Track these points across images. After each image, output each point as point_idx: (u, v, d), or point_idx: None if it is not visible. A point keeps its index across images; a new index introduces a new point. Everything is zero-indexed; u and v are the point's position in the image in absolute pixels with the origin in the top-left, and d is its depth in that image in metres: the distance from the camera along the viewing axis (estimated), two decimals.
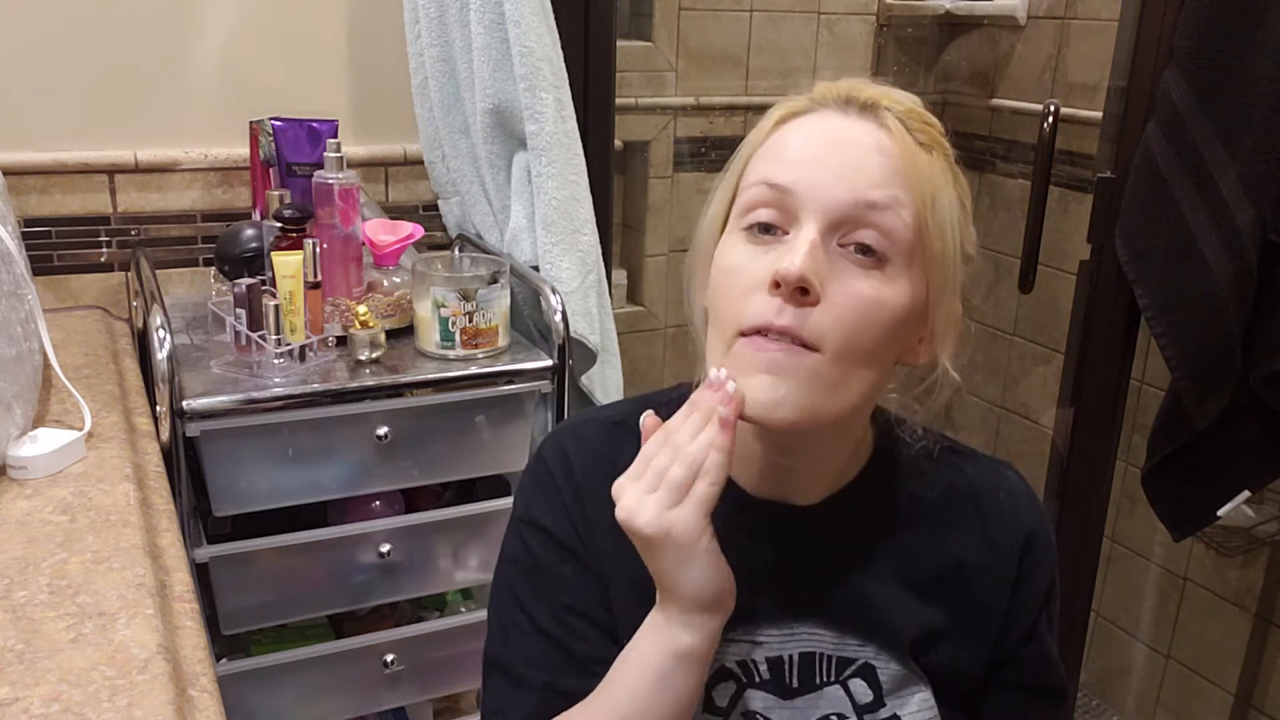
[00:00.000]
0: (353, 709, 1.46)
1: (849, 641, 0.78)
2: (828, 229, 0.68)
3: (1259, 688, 1.91)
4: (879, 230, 0.68)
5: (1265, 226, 1.26)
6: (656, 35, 2.17)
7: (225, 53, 1.64)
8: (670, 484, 0.65)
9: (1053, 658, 0.84)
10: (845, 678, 0.78)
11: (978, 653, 0.81)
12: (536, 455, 0.84)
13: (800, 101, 0.74)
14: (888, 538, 0.79)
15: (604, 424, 0.84)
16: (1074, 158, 2.04)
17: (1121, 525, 2.08)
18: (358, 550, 1.39)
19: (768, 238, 0.70)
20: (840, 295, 0.67)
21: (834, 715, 0.78)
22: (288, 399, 1.28)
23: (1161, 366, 1.36)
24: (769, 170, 0.70)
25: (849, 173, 0.68)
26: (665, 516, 0.65)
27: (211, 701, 0.79)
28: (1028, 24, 2.18)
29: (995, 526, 0.81)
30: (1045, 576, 0.82)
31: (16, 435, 1.07)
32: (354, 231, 1.43)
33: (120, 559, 0.93)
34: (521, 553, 0.81)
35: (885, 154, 0.69)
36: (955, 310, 0.74)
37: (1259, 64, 1.22)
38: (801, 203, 0.68)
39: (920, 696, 0.78)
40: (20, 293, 1.14)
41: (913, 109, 0.72)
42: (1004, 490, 0.83)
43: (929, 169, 0.70)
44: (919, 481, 0.81)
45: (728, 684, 0.78)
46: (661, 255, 2.30)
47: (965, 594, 0.80)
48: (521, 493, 0.83)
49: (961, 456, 0.84)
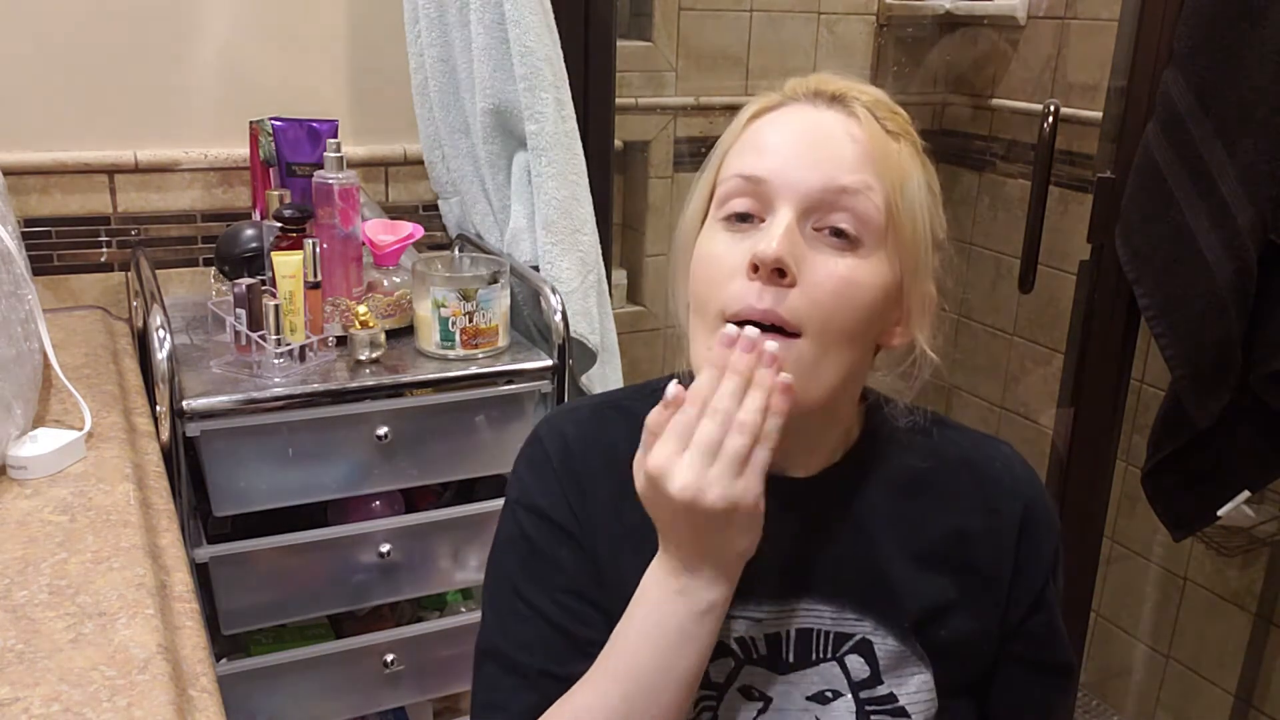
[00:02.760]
0: (353, 709, 1.46)
1: (847, 616, 0.78)
2: (802, 214, 0.70)
3: (1259, 688, 1.90)
4: (852, 214, 0.70)
5: (1265, 226, 1.26)
6: (656, 35, 2.17)
7: (225, 53, 1.64)
8: (731, 455, 0.64)
9: (1060, 632, 0.84)
10: (842, 653, 0.78)
11: (986, 624, 0.80)
12: (532, 439, 0.84)
13: (772, 97, 0.76)
14: (885, 510, 0.80)
15: (597, 407, 0.84)
16: (1074, 158, 2.04)
17: (1121, 525, 2.08)
18: (358, 550, 1.39)
19: (745, 226, 0.72)
20: (817, 276, 0.69)
21: (829, 691, 0.78)
22: (288, 399, 1.28)
23: (1161, 366, 1.36)
24: (744, 163, 0.73)
25: (821, 159, 0.71)
26: (732, 489, 0.64)
27: (211, 701, 0.79)
28: (1028, 24, 2.18)
29: (993, 494, 0.81)
30: (1049, 546, 0.82)
31: (16, 435, 1.07)
32: (354, 231, 1.43)
33: (120, 559, 0.93)
34: (517, 536, 0.80)
35: (855, 141, 0.71)
36: (930, 293, 0.76)
37: (1259, 64, 1.23)
38: (776, 190, 0.71)
39: (920, 679, 0.78)
40: (20, 293, 1.14)
41: (880, 99, 0.75)
42: (999, 460, 0.84)
43: (897, 156, 0.72)
44: (913, 454, 0.81)
45: (725, 660, 0.78)
46: (661, 255, 2.30)
47: (968, 562, 0.80)
48: (516, 477, 0.83)
49: (954, 430, 0.85)
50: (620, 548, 0.76)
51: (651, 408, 0.68)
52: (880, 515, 0.79)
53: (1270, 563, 1.86)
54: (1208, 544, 1.92)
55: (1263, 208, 1.25)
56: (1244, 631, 1.91)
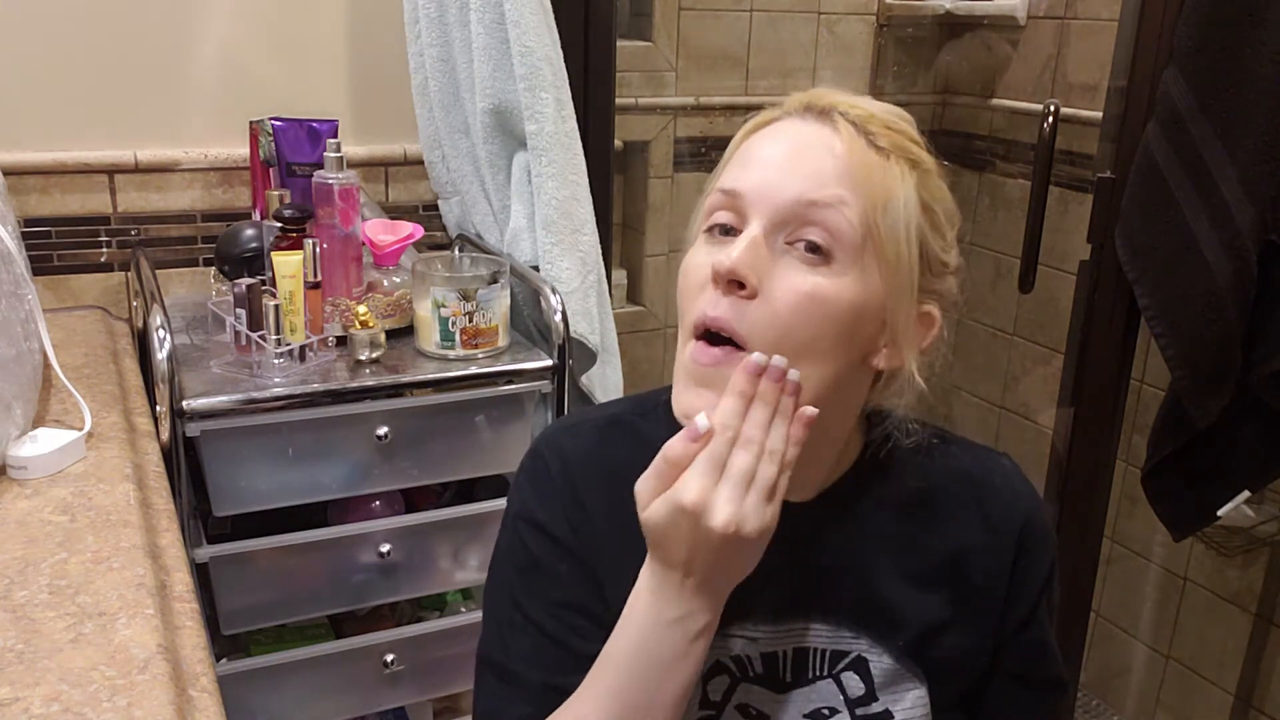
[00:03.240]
0: (353, 709, 1.46)
1: (843, 635, 0.78)
2: (773, 227, 0.70)
3: (1259, 688, 1.91)
4: (823, 228, 0.69)
5: (1265, 226, 1.26)
6: (656, 35, 2.17)
7: (225, 53, 1.64)
8: (764, 485, 0.65)
9: (1052, 648, 0.84)
10: (838, 671, 0.78)
11: (981, 640, 0.81)
12: (533, 452, 0.84)
13: (770, 112, 0.76)
14: (884, 531, 0.80)
15: (598, 423, 0.84)
16: (1074, 158, 2.04)
17: (1121, 525, 2.08)
18: (358, 550, 1.39)
19: (725, 238, 0.72)
20: (778, 290, 0.69)
21: (825, 709, 0.78)
22: (288, 399, 1.28)
23: (1161, 366, 1.36)
24: (727, 178, 0.74)
25: (793, 172, 0.70)
26: (764, 518, 0.65)
27: (211, 701, 0.79)
28: (1028, 24, 2.18)
29: (993, 511, 0.82)
30: (1044, 564, 0.82)
31: (16, 435, 1.07)
32: (354, 231, 1.43)
33: (120, 559, 0.93)
34: (518, 549, 0.81)
35: (833, 155, 0.71)
36: (928, 315, 0.75)
37: (1259, 64, 1.22)
38: (750, 204, 0.71)
39: (915, 694, 0.79)
40: (20, 293, 1.14)
41: (876, 115, 0.73)
42: (1000, 475, 0.84)
43: (881, 173, 0.71)
44: (913, 473, 0.81)
45: (722, 678, 0.78)
46: (661, 255, 2.30)
47: (965, 579, 0.80)
48: (517, 490, 0.83)
49: (955, 445, 0.85)
50: (624, 564, 0.76)
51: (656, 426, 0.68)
52: (878, 536, 0.80)
53: (1270, 563, 1.86)
54: (1208, 544, 1.92)
55: (1263, 208, 1.25)
56: (1244, 631, 1.91)
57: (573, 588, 0.78)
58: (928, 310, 0.75)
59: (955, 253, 0.77)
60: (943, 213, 0.75)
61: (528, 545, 0.80)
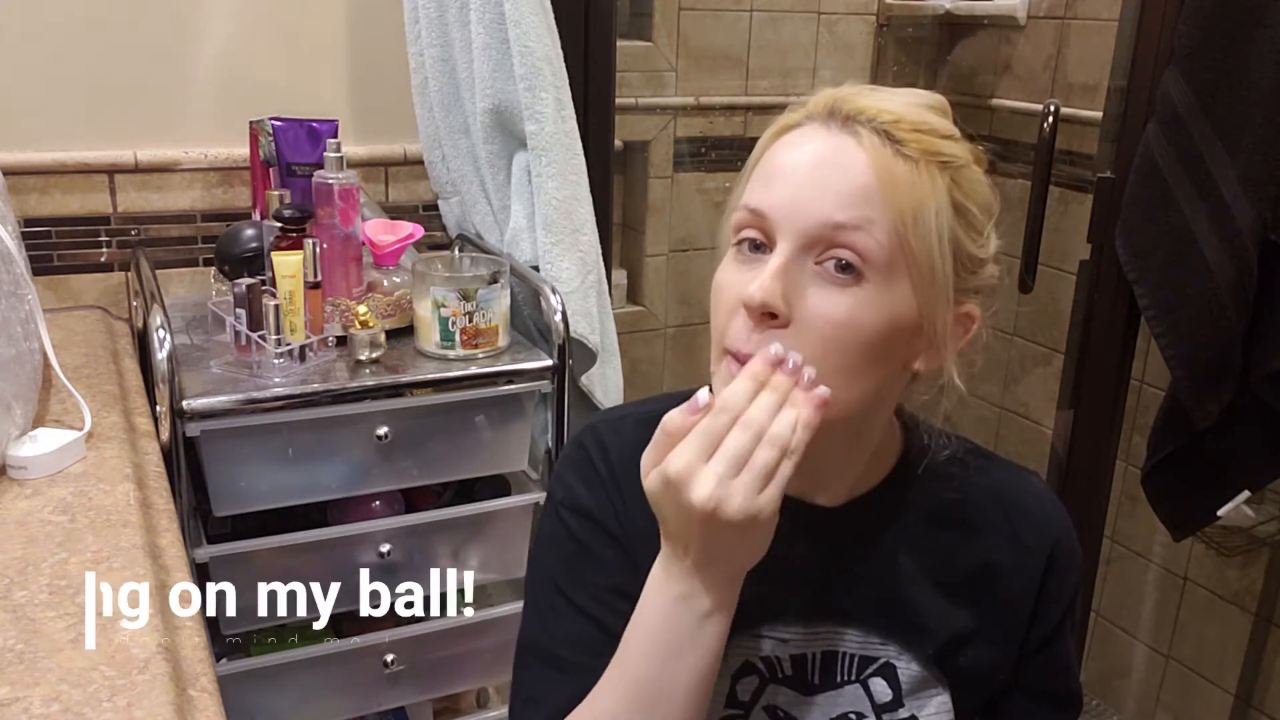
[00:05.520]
0: (353, 709, 1.46)
1: (872, 640, 0.79)
2: (798, 250, 0.69)
3: (1259, 688, 1.90)
4: (851, 249, 0.68)
5: (1265, 226, 1.26)
6: (656, 35, 2.17)
7: (225, 53, 1.64)
8: (759, 468, 0.63)
9: (1071, 665, 0.85)
10: (866, 676, 0.79)
11: (1005, 654, 0.82)
12: (575, 443, 0.84)
13: (795, 114, 0.74)
14: (915, 539, 0.80)
15: (641, 419, 0.83)
16: (1074, 158, 2.04)
17: (1121, 525, 2.08)
18: (358, 550, 1.39)
19: (755, 255, 0.71)
20: (811, 316, 0.68)
21: (853, 713, 0.79)
22: (288, 399, 1.28)
23: (1161, 366, 1.36)
24: (752, 194, 0.72)
25: (818, 194, 0.68)
26: (754, 503, 0.63)
27: (211, 701, 0.79)
28: (1028, 24, 2.18)
29: (1024, 529, 0.82)
30: (1070, 584, 0.83)
31: (16, 435, 1.07)
32: (354, 231, 1.43)
33: (120, 559, 0.93)
34: (563, 536, 0.81)
35: (859, 173, 0.68)
36: (967, 314, 0.75)
37: (1259, 64, 1.22)
38: (776, 225, 0.69)
39: (939, 700, 0.79)
40: (20, 293, 1.14)
41: (903, 117, 0.70)
42: (1031, 495, 0.84)
43: (909, 182, 0.69)
44: (946, 485, 0.81)
45: (751, 678, 0.78)
46: (661, 255, 2.30)
47: (993, 594, 0.81)
48: (560, 479, 0.84)
49: (987, 460, 0.85)
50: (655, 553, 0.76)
51: None
52: (910, 544, 0.80)
53: (1270, 563, 1.86)
54: (1208, 544, 1.91)
55: (1263, 208, 1.25)
56: (1244, 631, 1.91)
57: (618, 573, 0.78)
58: (966, 310, 0.75)
59: (993, 242, 0.76)
60: (978, 209, 0.74)
61: (574, 532, 0.80)
